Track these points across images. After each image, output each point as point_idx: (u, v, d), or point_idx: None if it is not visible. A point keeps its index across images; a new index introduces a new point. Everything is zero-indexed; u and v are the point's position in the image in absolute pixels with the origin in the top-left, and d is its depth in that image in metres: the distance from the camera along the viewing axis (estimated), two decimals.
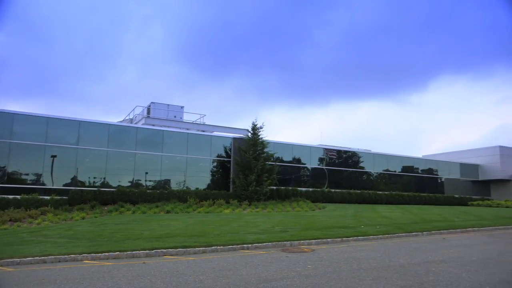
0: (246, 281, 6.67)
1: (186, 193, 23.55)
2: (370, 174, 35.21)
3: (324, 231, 13.29)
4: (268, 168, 25.92)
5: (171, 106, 34.34)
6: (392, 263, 8.32)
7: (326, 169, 32.11)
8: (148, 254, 9.40)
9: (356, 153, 34.98)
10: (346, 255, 9.40)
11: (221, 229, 13.32)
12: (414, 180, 38.07)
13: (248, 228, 13.83)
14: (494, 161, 41.50)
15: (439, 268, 7.77)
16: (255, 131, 26.46)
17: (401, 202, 33.01)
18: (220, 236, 11.86)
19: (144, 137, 25.02)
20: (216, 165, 27.37)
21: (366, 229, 14.22)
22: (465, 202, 37.04)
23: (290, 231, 13.19)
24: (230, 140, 27.94)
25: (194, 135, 27.42)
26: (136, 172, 24.03)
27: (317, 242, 11.47)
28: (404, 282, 6.53)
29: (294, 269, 7.62)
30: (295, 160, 30.79)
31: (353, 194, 30.94)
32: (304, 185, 30.45)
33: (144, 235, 11.91)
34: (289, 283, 6.51)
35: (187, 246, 10.02)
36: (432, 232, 14.15)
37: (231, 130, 33.25)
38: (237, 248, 10.31)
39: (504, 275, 7.18)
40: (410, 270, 7.56)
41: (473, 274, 7.19)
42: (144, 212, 19.49)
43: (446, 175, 40.48)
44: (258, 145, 26.02)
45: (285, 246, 10.88)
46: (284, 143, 30.68)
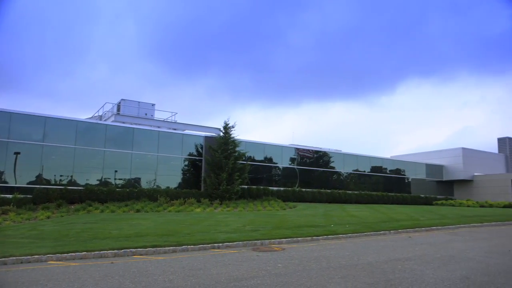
0: (217, 280, 6.64)
1: (157, 192, 23.22)
2: (340, 174, 35.83)
3: (294, 230, 13.41)
4: (240, 167, 25.93)
5: (142, 103, 33.77)
6: (360, 261, 8.50)
7: (297, 169, 32.42)
8: (116, 254, 9.20)
9: (327, 153, 35.51)
10: (316, 253, 9.52)
11: (192, 228, 13.22)
12: (382, 180, 39.02)
13: (219, 227, 13.78)
14: (457, 162, 43.12)
15: (405, 265, 8.00)
16: (227, 130, 26.40)
17: (370, 201, 33.76)
18: (191, 235, 11.76)
19: (114, 134, 24.47)
20: (187, 163, 27.14)
21: (336, 228, 14.45)
22: (430, 202, 38.29)
23: (261, 230, 13.23)
24: (202, 139, 27.76)
25: (165, 133, 27.08)
26: (105, 170, 23.48)
27: (288, 241, 11.57)
28: (372, 280, 6.68)
29: (264, 268, 7.66)
30: (266, 159, 30.93)
31: (324, 193, 31.40)
32: (276, 185, 30.64)
33: (113, 234, 11.65)
34: (260, 282, 6.53)
35: (157, 246, 9.88)
36: (399, 230, 14.53)
37: (202, 129, 33.04)
38: (207, 247, 10.25)
39: (464, 271, 7.47)
40: (378, 268, 7.74)
41: (436, 271, 7.44)
42: (113, 211, 19.07)
43: (412, 175, 41.71)
44: (230, 144, 25.97)
45: (256, 245, 10.91)
46: (256, 142, 30.76)
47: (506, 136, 48.15)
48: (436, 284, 6.39)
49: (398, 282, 6.50)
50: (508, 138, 48.05)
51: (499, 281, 6.68)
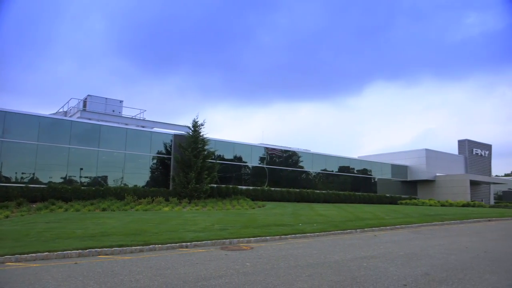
0: (184, 279, 6.59)
1: (124, 190, 22.76)
2: (309, 174, 36.29)
3: (263, 229, 13.48)
4: (209, 165, 25.80)
5: (109, 99, 32.98)
6: (328, 259, 8.65)
7: (266, 168, 32.59)
8: (81, 254, 8.95)
9: (296, 153, 35.88)
10: (284, 252, 9.61)
11: (160, 228, 13.04)
12: (350, 180, 39.83)
13: (187, 226, 13.67)
14: (421, 163, 44.62)
15: (370, 263, 8.21)
16: (196, 128, 26.22)
17: (338, 200, 34.41)
18: (159, 234, 11.60)
19: (80, 131, 23.78)
20: (156, 162, 26.75)
21: (304, 227, 14.64)
22: (395, 201, 39.45)
23: (230, 229, 13.23)
24: (171, 137, 27.43)
25: (133, 131, 26.57)
26: (70, 168, 22.78)
27: (256, 240, 11.62)
28: (338, 278, 6.81)
29: (232, 267, 7.66)
30: (236, 158, 30.92)
31: (292, 192, 31.73)
32: (245, 184, 30.68)
33: (77, 234, 11.33)
34: (228, 281, 6.53)
35: (123, 245, 9.68)
36: (365, 229, 14.88)
37: (172, 127, 32.64)
38: (175, 246, 10.15)
39: (425, 268, 7.75)
40: (344, 266, 7.91)
41: (399, 268, 7.68)
42: (77, 210, 18.55)
43: (379, 175, 42.81)
44: (199, 143, 25.80)
45: (225, 244, 10.90)
46: (226, 141, 30.70)
47: (466, 138, 50.23)
48: (399, 281, 6.60)
49: (363, 280, 6.66)
50: (467, 140, 50.13)
51: (456, 277, 6.98)
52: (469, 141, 50.24)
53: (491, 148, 53.68)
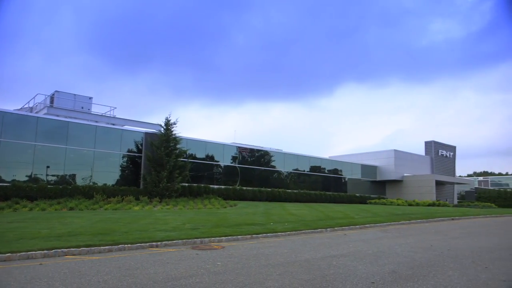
0: (154, 279, 6.51)
1: (93, 189, 22.23)
2: (280, 173, 36.55)
3: (234, 228, 13.49)
4: (181, 164, 25.58)
5: (78, 96, 32.11)
6: (298, 258, 8.75)
7: (238, 167, 32.60)
8: (46, 254, 8.68)
9: (268, 152, 36.06)
10: (255, 251, 9.65)
11: (129, 227, 12.82)
12: (321, 180, 40.38)
13: (158, 225, 13.50)
14: (390, 163, 45.77)
15: (339, 261, 8.36)
16: (168, 126, 25.93)
17: (309, 200, 34.82)
18: (128, 234, 11.40)
19: (46, 128, 23.03)
20: (126, 160, 26.26)
21: (275, 226, 14.74)
22: (364, 201, 40.29)
23: (201, 228, 13.16)
24: (142, 135, 27.01)
25: (103, 128, 25.98)
26: (36, 166, 22.04)
27: (228, 239, 11.61)
28: (308, 276, 6.91)
29: (203, 266, 7.63)
30: (208, 157, 30.78)
31: (264, 192, 31.88)
32: (217, 183, 30.59)
33: (42, 234, 10.97)
34: (198, 280, 6.50)
35: (91, 245, 9.46)
36: (335, 228, 15.12)
37: (143, 125, 32.13)
38: (145, 246, 10.00)
39: (393, 265, 7.97)
40: (314, 264, 8.02)
41: (367, 266, 7.86)
42: (43, 209, 17.98)
43: (349, 175, 43.61)
44: (171, 141, 25.54)
45: (196, 244, 10.83)
46: (198, 140, 30.50)
47: (432, 140, 51.92)
48: (367, 279, 6.76)
49: (333, 278, 6.78)
50: (433, 142, 51.81)
51: (421, 274, 7.21)
52: (435, 143, 51.95)
53: (455, 149, 55.72)
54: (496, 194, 58.16)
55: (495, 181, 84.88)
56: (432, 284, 6.47)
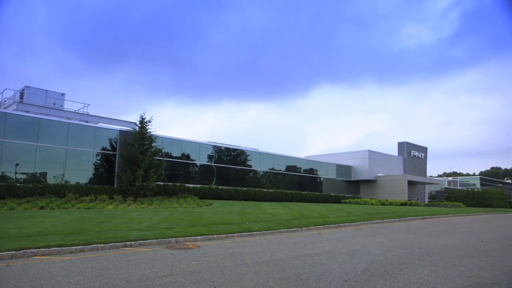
0: (128, 279, 6.42)
1: (65, 188, 21.69)
2: (256, 172, 36.64)
3: (210, 228, 13.44)
4: (156, 163, 25.28)
5: (49, 92, 31.23)
6: (273, 257, 8.80)
7: (214, 166, 32.49)
8: (14, 255, 8.40)
9: (244, 152, 36.09)
10: (230, 250, 9.65)
11: (103, 226, 12.58)
12: (296, 179, 40.70)
13: (132, 224, 13.31)
14: (364, 163, 46.58)
15: (314, 260, 8.46)
16: (143, 124, 25.58)
17: (284, 199, 35.04)
18: (101, 233, 11.19)
19: (16, 124, 22.31)
20: (100, 158, 25.75)
21: (251, 225, 14.77)
22: (339, 200, 40.86)
23: (176, 227, 13.05)
24: (117, 133, 26.53)
25: (76, 126, 25.38)
26: (4, 164, 21.33)
27: (203, 238, 11.56)
28: (283, 275, 6.96)
29: (178, 266, 7.58)
30: (184, 156, 30.54)
31: (240, 191, 31.88)
32: (192, 182, 30.40)
33: (11, 233, 10.63)
34: (173, 280, 6.45)
35: (62, 245, 9.23)
36: (310, 227, 15.28)
37: (118, 123, 31.54)
38: (119, 245, 9.84)
39: (366, 264, 8.13)
40: (289, 263, 8.09)
41: (341, 265, 7.99)
42: (12, 209, 17.41)
43: (324, 175, 44.13)
44: (146, 139, 25.20)
45: (171, 243, 10.74)
46: (173, 138, 30.22)
47: (405, 141, 53.18)
48: (341, 277, 6.87)
49: (307, 277, 6.86)
50: (406, 143, 53.07)
51: (393, 271, 7.39)
52: (407, 144, 53.21)
53: (427, 150, 57.25)
54: (464, 194, 60.14)
55: (464, 181, 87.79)
56: (403, 281, 6.64)
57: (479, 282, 6.72)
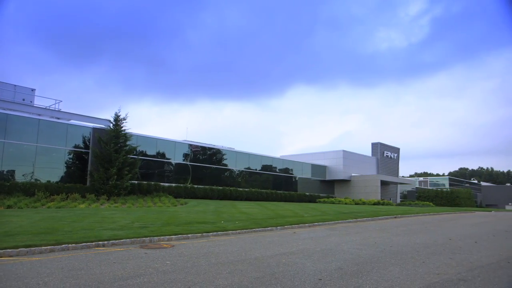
0: (100, 280, 6.30)
1: (34, 186, 21.07)
2: (232, 171, 36.59)
3: (184, 227, 13.34)
4: (130, 161, 24.89)
5: (18, 87, 30.24)
6: (248, 256, 8.82)
7: (190, 165, 32.25)
8: None
9: (220, 151, 35.98)
10: (205, 250, 9.61)
11: (74, 226, 12.29)
12: (272, 178, 40.88)
13: (105, 224, 13.06)
14: (338, 163, 47.25)
15: (288, 259, 8.53)
16: (118, 122, 25.13)
17: (260, 198, 35.14)
18: (73, 233, 10.93)
19: None
20: (72, 156, 25.13)
21: (226, 224, 14.74)
22: (314, 200, 41.31)
23: (150, 226, 12.89)
24: (90, 130, 25.96)
25: (47, 122, 24.67)
26: None
27: (178, 237, 11.46)
28: (258, 274, 6.99)
29: (152, 266, 7.49)
30: (159, 154, 30.18)
31: (215, 190, 31.77)
32: (168, 180, 30.09)
33: None
34: (147, 280, 6.37)
35: (31, 245, 8.95)
36: (285, 226, 15.38)
37: (91, 120, 30.82)
38: (91, 245, 9.64)
39: (339, 262, 8.26)
40: (264, 262, 8.12)
41: (315, 263, 8.09)
42: None
43: (299, 175, 44.49)
44: (121, 137, 24.77)
45: (144, 242, 10.60)
46: (148, 136, 29.82)
47: (378, 142, 54.27)
48: (315, 275, 6.95)
49: (282, 275, 6.91)
50: (379, 143, 54.17)
51: (365, 269, 7.54)
52: (381, 144, 54.30)
53: (399, 151, 58.58)
54: (434, 193, 61.92)
55: (434, 182, 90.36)
56: (375, 279, 6.79)
57: (446, 279, 6.94)
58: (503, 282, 6.88)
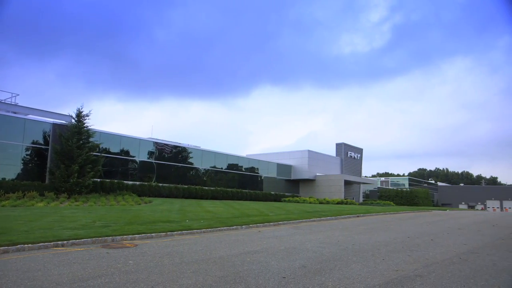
0: (58, 281, 6.10)
1: None
2: (198, 170, 36.33)
3: (148, 226, 13.13)
4: (93, 159, 24.20)
5: None
6: (213, 255, 8.80)
7: (155, 163, 31.74)
8: None
9: (186, 149, 35.63)
10: (169, 249, 9.50)
11: (31, 225, 11.82)
12: (238, 177, 40.90)
13: (65, 223, 12.64)
14: (303, 163, 47.91)
15: (253, 258, 8.58)
16: (80, 118, 24.37)
17: (226, 197, 35.08)
18: (29, 233, 10.50)
19: None
20: (30, 152, 24.13)
21: (191, 223, 14.63)
22: (279, 199, 41.66)
23: (113, 226, 12.60)
24: (50, 126, 25.02)
25: (2, 117, 23.56)
26: None
27: (141, 237, 11.27)
28: (222, 273, 6.99)
29: (114, 266, 7.33)
30: (123, 152, 29.52)
31: (181, 188, 31.43)
32: (132, 179, 29.48)
33: None
34: (108, 280, 6.23)
35: None
36: (250, 225, 15.44)
37: (51, 115, 29.69)
38: (49, 245, 9.30)
39: (303, 260, 8.40)
40: (229, 261, 8.13)
41: (279, 262, 8.18)
42: None
43: (265, 174, 44.76)
44: (83, 134, 24.03)
45: (107, 242, 10.34)
46: (112, 133, 29.09)
47: (342, 142, 55.46)
48: (279, 273, 7.03)
49: (246, 274, 6.94)
50: (344, 144, 55.37)
51: (328, 267, 7.71)
52: (345, 145, 55.52)
53: (363, 151, 60.13)
54: (395, 193, 63.98)
55: (394, 182, 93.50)
56: (337, 276, 6.95)
57: (403, 275, 7.21)
58: (455, 277, 7.23)
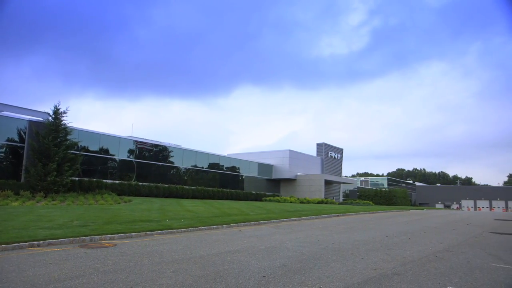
0: (33, 282, 5.96)
1: None
2: (179, 169, 36.06)
3: (128, 225, 12.97)
4: (71, 157, 23.74)
5: None
6: (193, 255, 8.76)
7: (135, 162, 31.36)
8: None
9: (167, 148, 35.32)
10: (149, 249, 9.41)
11: (5, 225, 11.52)
12: (218, 177, 40.79)
13: (41, 222, 12.36)
14: (284, 163, 48.13)
15: (233, 257, 8.58)
16: (58, 115, 23.85)
17: (206, 196, 34.94)
18: (3, 232, 10.23)
19: None
20: (5, 150, 23.51)
21: (171, 222, 14.52)
22: (260, 198, 41.74)
23: (91, 225, 12.39)
24: (26, 123, 24.42)
25: None
26: None
27: (120, 236, 11.12)
28: (202, 273, 6.96)
29: (92, 266, 7.21)
30: (102, 150, 29.05)
31: (161, 188, 31.15)
32: (111, 177, 29.05)
33: None
34: (86, 281, 6.13)
35: None
36: (231, 225, 15.43)
37: (28, 112, 28.91)
38: (24, 246, 9.08)
39: (283, 259, 8.45)
40: (209, 260, 8.11)
41: (260, 261, 8.20)
42: None
43: (246, 173, 44.77)
44: (61, 131, 23.54)
45: (85, 242, 10.17)
46: (91, 131, 28.59)
47: (323, 142, 55.95)
48: (259, 273, 7.05)
49: (226, 273, 6.94)
50: (324, 144, 55.87)
51: (308, 266, 7.78)
52: (325, 145, 56.01)
53: (343, 152, 60.79)
54: (374, 193, 64.97)
55: (374, 181, 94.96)
56: (317, 275, 7.02)
57: (382, 273, 7.34)
58: (430, 274, 7.40)
